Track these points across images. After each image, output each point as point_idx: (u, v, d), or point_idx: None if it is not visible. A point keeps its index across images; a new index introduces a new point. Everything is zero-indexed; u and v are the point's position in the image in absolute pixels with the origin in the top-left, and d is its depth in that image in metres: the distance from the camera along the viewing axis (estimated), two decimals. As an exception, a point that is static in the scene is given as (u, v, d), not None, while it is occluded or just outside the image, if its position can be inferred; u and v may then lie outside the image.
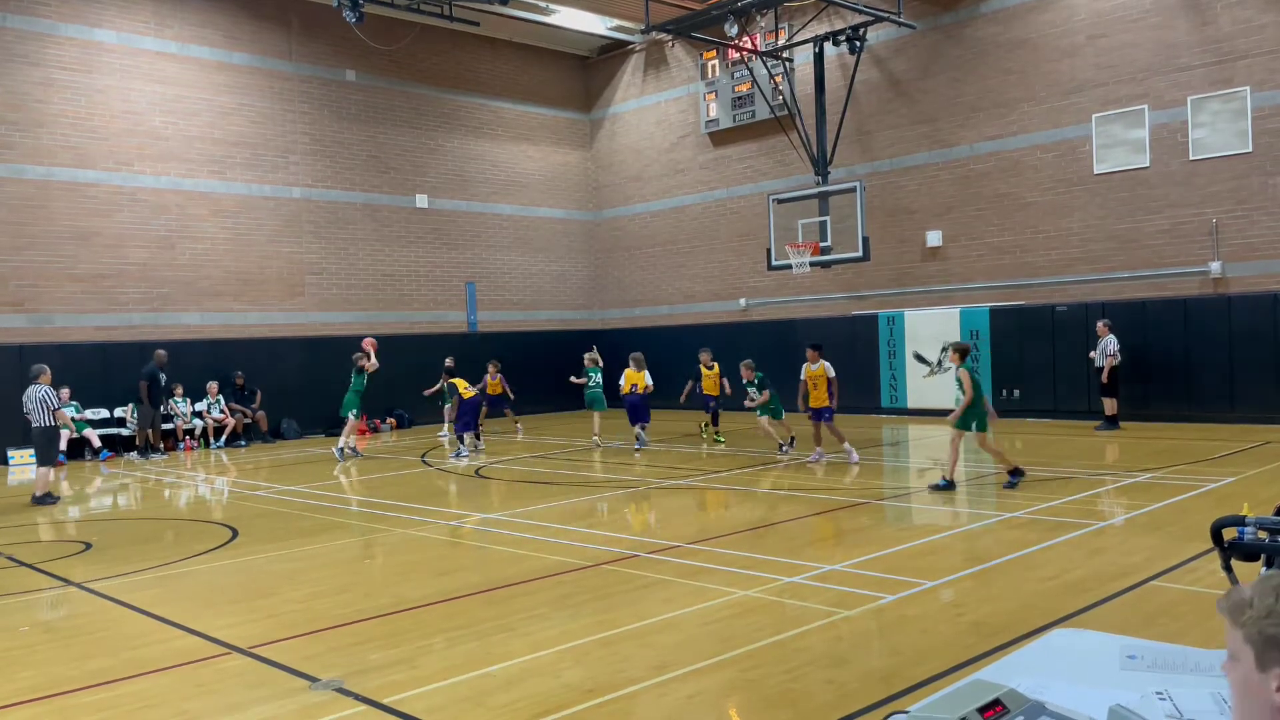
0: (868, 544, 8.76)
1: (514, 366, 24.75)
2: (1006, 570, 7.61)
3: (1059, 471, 12.44)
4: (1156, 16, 17.81)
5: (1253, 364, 16.82)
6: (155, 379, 18.80)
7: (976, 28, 20.18)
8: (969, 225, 20.45)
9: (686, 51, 25.57)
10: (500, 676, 5.46)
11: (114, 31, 19.97)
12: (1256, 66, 16.74)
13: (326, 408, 22.28)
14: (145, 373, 18.72)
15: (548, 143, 27.28)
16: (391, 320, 23.79)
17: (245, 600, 7.59)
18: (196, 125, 21.01)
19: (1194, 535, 8.12)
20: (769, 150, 23.75)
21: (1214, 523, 3.30)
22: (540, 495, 12.50)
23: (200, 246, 20.96)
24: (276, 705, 5.17)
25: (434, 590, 7.58)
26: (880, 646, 5.92)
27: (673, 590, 7.29)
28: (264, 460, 18.14)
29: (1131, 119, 18.12)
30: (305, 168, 22.61)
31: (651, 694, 5.14)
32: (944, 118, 20.73)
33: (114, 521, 12.14)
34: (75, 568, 9.07)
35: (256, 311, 21.73)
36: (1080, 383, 18.23)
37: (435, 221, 24.79)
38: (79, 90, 19.51)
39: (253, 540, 10.02)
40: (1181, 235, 17.67)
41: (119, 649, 6.37)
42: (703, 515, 11.15)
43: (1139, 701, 2.05)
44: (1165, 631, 5.73)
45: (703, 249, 25.45)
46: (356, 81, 23.44)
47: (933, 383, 20.71)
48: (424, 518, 11.08)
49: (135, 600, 7.59)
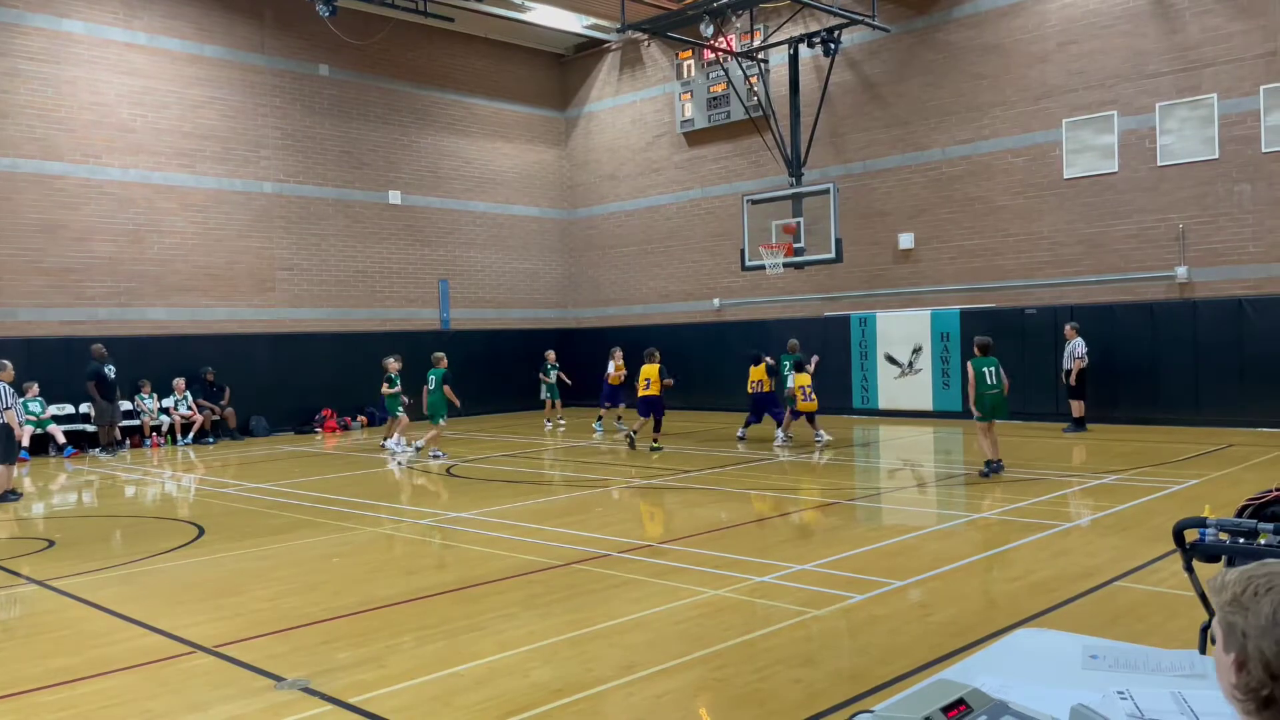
0: (838, 544, 8.80)
1: (486, 365, 24.74)
2: (974, 570, 7.67)
3: (1027, 473, 12.55)
4: (1126, 24, 18.02)
5: (1217, 368, 17.06)
6: (101, 375, 18.51)
7: (949, 32, 20.34)
8: (940, 228, 20.60)
9: (662, 51, 25.58)
10: (469, 676, 5.44)
11: (82, 22, 19.69)
12: (1223, 74, 16.98)
13: (296, 404, 22.17)
14: (90, 372, 18.41)
15: (522, 140, 27.21)
16: (363, 317, 23.64)
17: (211, 599, 7.51)
18: (166, 118, 20.76)
19: (1158, 536, 8.23)
20: (743, 151, 23.81)
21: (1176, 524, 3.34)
22: (512, 494, 12.46)
23: (169, 241, 20.72)
24: (241, 704, 5.12)
25: (403, 589, 7.54)
26: (849, 646, 5.95)
27: (643, 590, 7.29)
28: (232, 457, 17.96)
29: (1100, 125, 18.33)
30: (277, 162, 22.41)
31: (620, 693, 5.14)
32: (916, 121, 20.87)
33: (77, 519, 11.98)
34: (37, 565, 8.94)
35: (226, 307, 21.51)
36: (1049, 385, 18.41)
37: (408, 218, 24.66)
38: (46, 81, 19.22)
39: (219, 538, 9.91)
40: (1149, 240, 17.90)
41: (81, 647, 6.28)
42: (674, 514, 11.16)
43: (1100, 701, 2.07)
44: (1128, 632, 5.80)
45: (677, 249, 25.47)
46: (330, 76, 23.26)
47: (904, 384, 20.86)
48: (394, 516, 11.01)
49: (98, 598, 7.49)
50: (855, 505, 11.22)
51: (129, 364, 19.52)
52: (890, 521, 10.36)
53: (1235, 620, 1.54)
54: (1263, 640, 1.50)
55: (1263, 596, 1.52)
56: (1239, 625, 1.53)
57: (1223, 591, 1.58)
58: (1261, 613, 1.51)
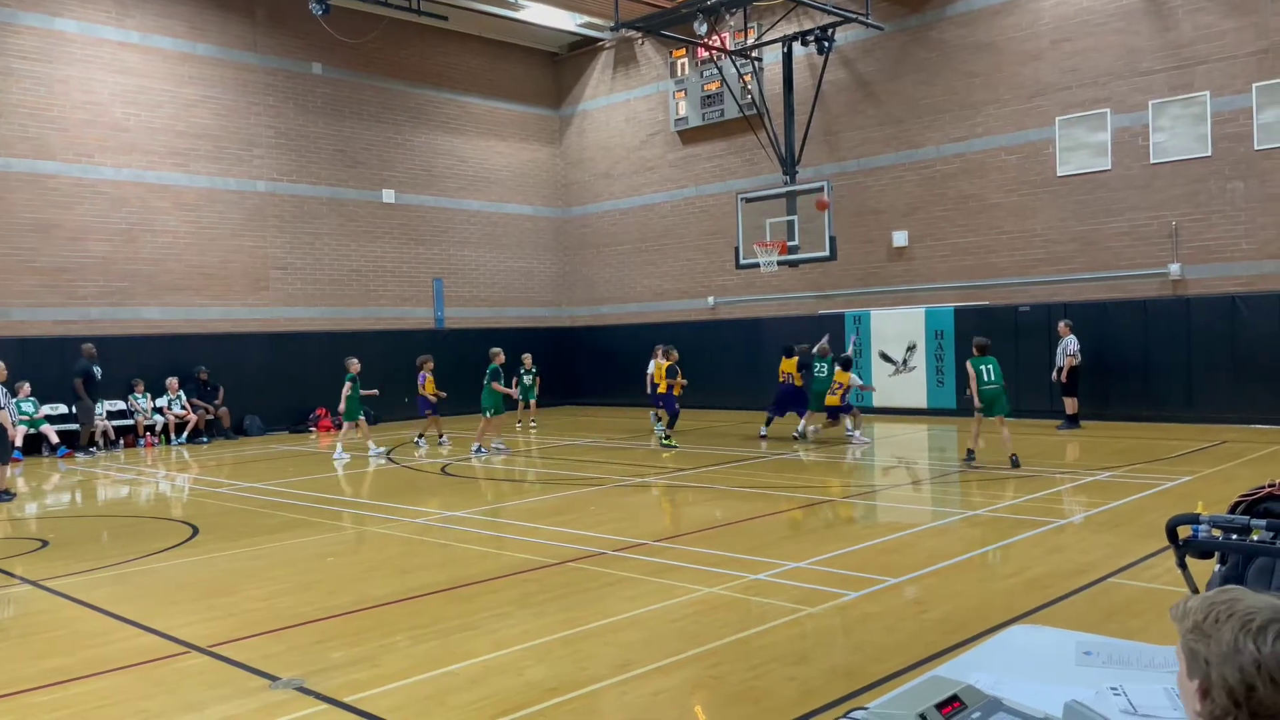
0: (832, 541, 8.81)
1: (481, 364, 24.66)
2: (968, 568, 7.69)
3: (1020, 470, 12.57)
4: (1119, 22, 18.05)
5: (1210, 364, 17.11)
6: (89, 374, 18.45)
7: (943, 30, 20.35)
8: (934, 226, 20.63)
9: (656, 49, 25.57)
10: (463, 675, 5.44)
11: (75, 21, 19.63)
12: (1216, 72, 17.02)
13: (290, 404, 22.13)
14: (78, 370, 18.36)
15: (516, 139, 27.18)
16: (357, 316, 23.60)
17: (205, 598, 7.49)
18: (159, 117, 20.70)
19: (1151, 533, 8.25)
20: (737, 149, 23.82)
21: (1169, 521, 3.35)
22: (507, 493, 12.46)
23: (162, 240, 20.67)
24: (236, 704, 5.11)
25: (397, 588, 7.53)
26: (843, 643, 5.95)
27: (637, 588, 7.29)
28: (226, 457, 17.93)
29: (1094, 122, 18.36)
30: (270, 161, 22.35)
31: (614, 692, 5.14)
32: (910, 119, 20.89)
33: (71, 519, 11.95)
34: (31, 565, 8.92)
35: (219, 306, 21.46)
36: (1042, 382, 18.43)
37: (402, 217, 24.62)
38: (39, 80, 19.16)
39: (214, 538, 9.89)
40: (1142, 237, 17.94)
41: (75, 647, 6.27)
42: (669, 513, 11.16)
43: (1094, 697, 2.07)
44: (1122, 628, 5.81)
45: (671, 247, 25.47)
46: (323, 75, 23.22)
47: (898, 381, 20.89)
48: (388, 515, 11.00)
49: (92, 598, 7.48)
50: (850, 503, 11.23)
51: (122, 364, 19.49)
52: (884, 519, 10.37)
53: (1198, 648, 1.53)
54: (1225, 667, 1.48)
55: (1224, 623, 1.51)
56: (1201, 653, 1.52)
57: (1185, 619, 1.58)
58: (1223, 640, 1.50)
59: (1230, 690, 1.48)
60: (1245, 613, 1.51)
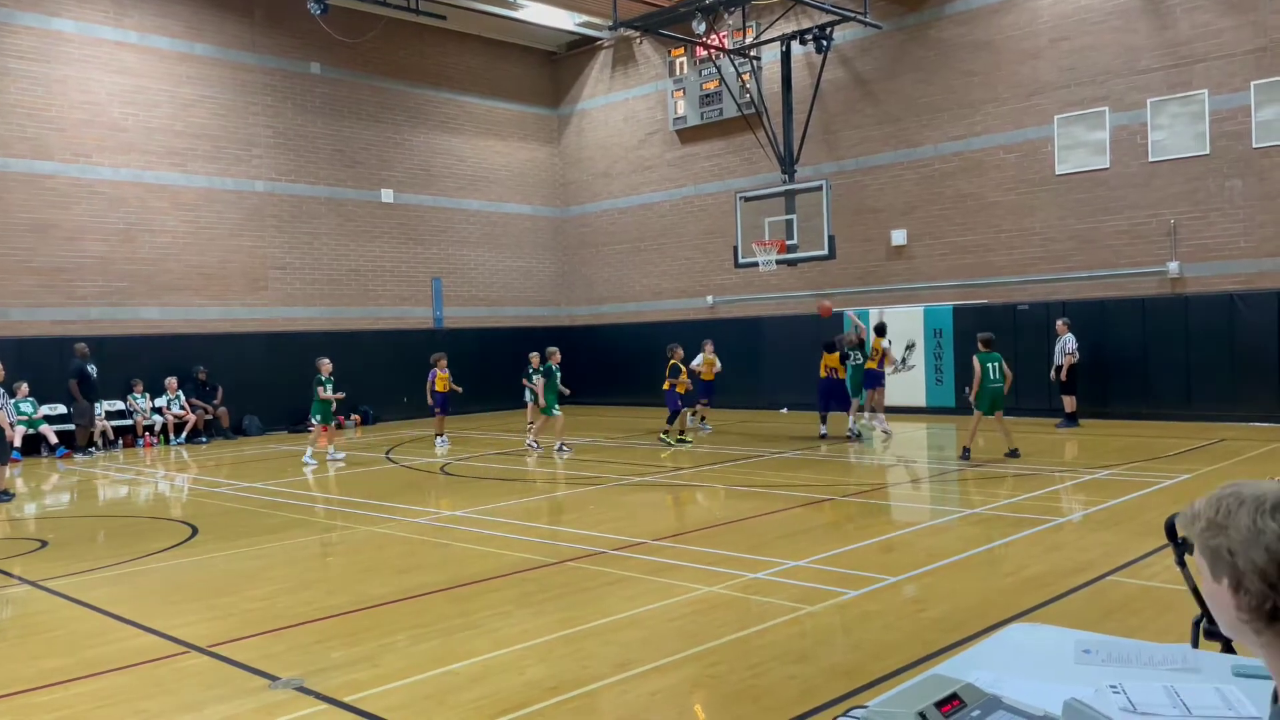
0: (831, 540, 8.81)
1: (480, 363, 24.69)
2: (967, 566, 7.69)
3: (1019, 468, 12.58)
4: (1117, 20, 18.06)
5: (1209, 363, 17.12)
6: (84, 374, 18.42)
7: (941, 29, 20.36)
8: (933, 224, 20.63)
9: (655, 49, 25.56)
10: (463, 674, 5.44)
11: (72, 20, 19.61)
12: (1214, 70, 17.03)
13: (289, 404, 22.10)
14: (73, 370, 18.33)
15: (515, 138, 27.17)
16: (356, 316, 23.59)
17: (204, 598, 7.49)
18: (157, 117, 20.69)
19: (1150, 531, 8.25)
20: (736, 148, 23.81)
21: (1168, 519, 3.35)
22: (506, 492, 12.46)
23: (161, 240, 20.65)
24: (235, 704, 5.11)
25: (397, 588, 7.53)
26: (842, 642, 5.96)
27: (637, 587, 7.29)
28: (225, 457, 17.92)
29: (1092, 121, 18.37)
30: (269, 161, 22.34)
31: (614, 691, 5.14)
32: (909, 118, 20.89)
33: (70, 519, 11.94)
34: (30, 566, 8.91)
35: (218, 306, 21.45)
36: (1041, 380, 18.43)
37: (401, 216, 24.61)
38: (36, 80, 19.14)
39: (213, 538, 9.89)
40: (1140, 236, 17.95)
41: (74, 648, 6.27)
42: (668, 512, 11.16)
43: (1093, 695, 2.07)
44: (1121, 626, 5.82)
45: (670, 246, 25.47)
46: (321, 74, 23.20)
47: (897, 380, 20.87)
48: (387, 515, 11.00)
49: (91, 599, 7.47)
50: (849, 501, 11.23)
51: (121, 364, 19.48)
52: (884, 517, 10.38)
53: (1218, 543, 1.48)
54: (1251, 551, 1.44)
55: (1237, 512, 1.47)
56: (1223, 546, 1.47)
57: (1196, 520, 1.53)
58: (1241, 526, 1.46)
59: (1262, 572, 1.44)
60: (1255, 497, 1.48)
